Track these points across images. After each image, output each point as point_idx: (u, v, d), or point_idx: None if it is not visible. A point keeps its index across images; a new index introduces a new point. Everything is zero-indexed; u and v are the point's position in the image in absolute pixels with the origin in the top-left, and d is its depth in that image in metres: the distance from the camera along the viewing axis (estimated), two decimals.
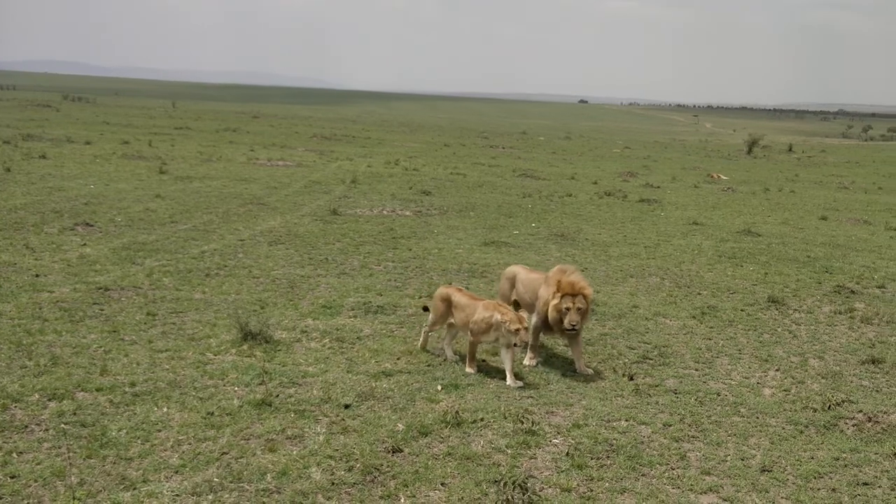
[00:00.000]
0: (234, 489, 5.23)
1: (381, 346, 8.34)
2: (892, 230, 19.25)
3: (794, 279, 12.78)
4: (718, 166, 41.12)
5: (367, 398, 6.89)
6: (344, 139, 45.13)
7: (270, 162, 28.10)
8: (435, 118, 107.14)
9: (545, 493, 5.36)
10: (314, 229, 14.97)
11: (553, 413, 6.84)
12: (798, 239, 17.14)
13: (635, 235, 16.47)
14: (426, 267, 12.27)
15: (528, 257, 13.36)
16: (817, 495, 5.56)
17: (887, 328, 10.06)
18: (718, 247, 15.49)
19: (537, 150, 47.77)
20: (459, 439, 6.15)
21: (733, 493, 5.52)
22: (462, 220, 17.28)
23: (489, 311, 7.67)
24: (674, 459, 6.03)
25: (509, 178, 27.68)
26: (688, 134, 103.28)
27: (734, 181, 32.27)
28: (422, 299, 9.94)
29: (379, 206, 18.46)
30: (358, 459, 5.71)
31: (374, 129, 62.22)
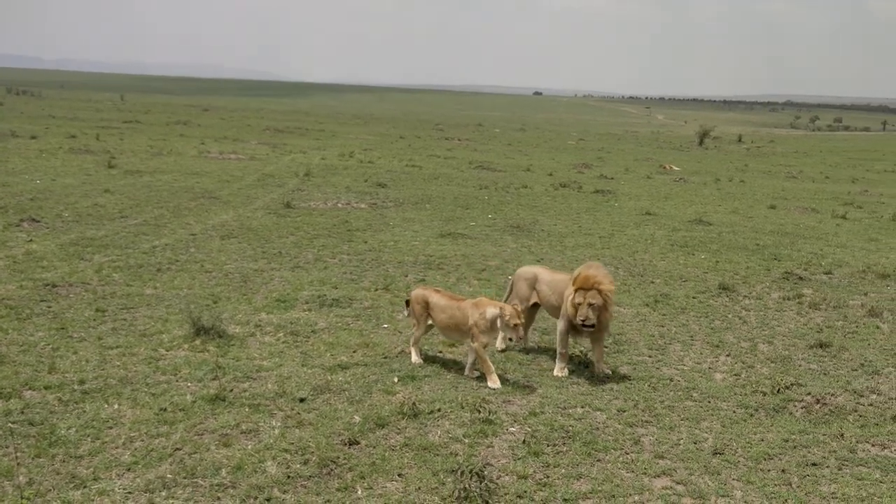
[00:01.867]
0: (188, 485, 5.16)
1: (337, 340, 8.28)
2: (838, 218, 19.71)
3: (743, 266, 13.01)
4: (670, 157, 41.68)
5: (322, 391, 6.84)
6: (297, 132, 44.73)
7: (222, 155, 27.72)
8: (390, 110, 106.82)
9: (502, 481, 5.38)
10: (267, 223, 14.81)
11: (510, 402, 6.86)
12: (748, 227, 17.45)
13: (590, 226, 16.61)
14: (382, 259, 12.23)
15: (484, 249, 13.40)
16: (767, 476, 5.67)
17: (834, 313, 10.30)
18: (671, 236, 15.70)
19: (493, 141, 47.92)
20: (416, 430, 6.14)
21: (686, 476, 5.60)
22: (418, 212, 17.25)
23: (483, 306, 7.28)
24: (628, 444, 6.10)
25: (465, 169, 27.71)
26: (640, 126, 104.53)
27: (686, 172, 32.74)
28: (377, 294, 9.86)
29: (333, 199, 18.34)
30: (314, 452, 5.67)
31: (327, 121, 61.78)
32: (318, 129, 49.39)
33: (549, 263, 12.36)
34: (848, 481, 5.64)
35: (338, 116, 73.67)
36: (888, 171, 40.25)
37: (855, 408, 6.96)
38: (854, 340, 9.12)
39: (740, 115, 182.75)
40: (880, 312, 10.25)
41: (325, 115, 73.60)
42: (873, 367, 8.18)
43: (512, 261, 12.52)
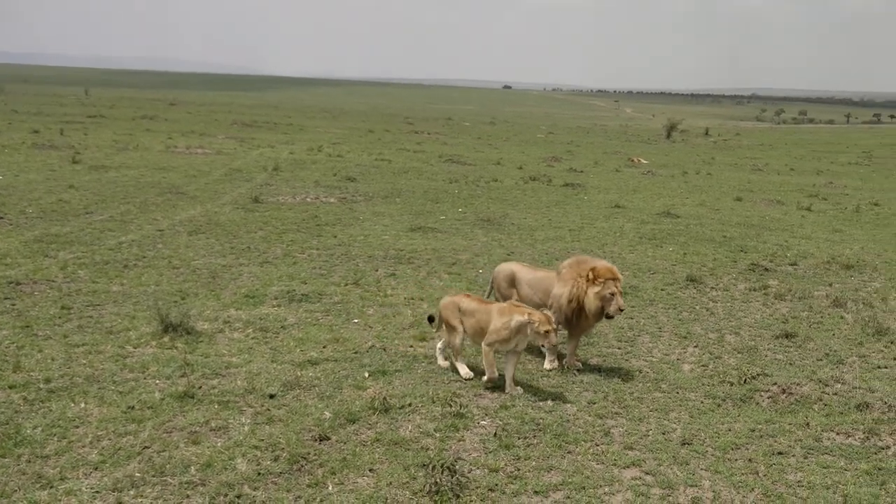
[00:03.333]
0: (157, 483, 5.11)
1: (307, 335, 8.24)
2: (803, 210, 19.99)
3: (711, 258, 13.16)
4: (639, 150, 41.98)
5: (292, 387, 6.80)
6: (265, 126, 44.37)
7: (189, 150, 27.42)
8: (358, 104, 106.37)
9: (473, 475, 5.39)
10: (235, 218, 14.69)
11: (481, 395, 6.88)
12: (715, 220, 17.64)
13: (560, 219, 16.69)
14: (352, 254, 12.18)
15: (455, 243, 13.40)
16: (735, 465, 5.75)
17: (799, 304, 10.45)
18: (639, 229, 15.82)
19: (463, 135, 47.92)
20: (387, 425, 6.13)
21: (655, 467, 5.66)
22: (388, 206, 17.21)
23: (509, 313, 7.03)
24: (598, 436, 6.15)
25: (435, 163, 27.68)
26: (609, 119, 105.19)
27: (654, 165, 33.02)
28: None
29: (302, 194, 18.22)
30: (284, 449, 5.64)
31: (296, 115, 61.37)
32: (286, 123, 49.03)
33: (521, 257, 12.40)
34: (813, 469, 5.73)
35: (306, 110, 73.20)
36: (852, 163, 40.90)
37: (820, 397, 7.08)
38: (819, 331, 9.26)
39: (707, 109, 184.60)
40: (844, 303, 10.42)
41: (293, 109, 73.09)
42: (838, 356, 8.32)
43: (482, 254, 12.55)
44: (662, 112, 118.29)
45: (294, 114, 63.16)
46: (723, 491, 5.36)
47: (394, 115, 71.74)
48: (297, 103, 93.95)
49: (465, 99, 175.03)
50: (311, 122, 53.04)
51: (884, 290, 11.32)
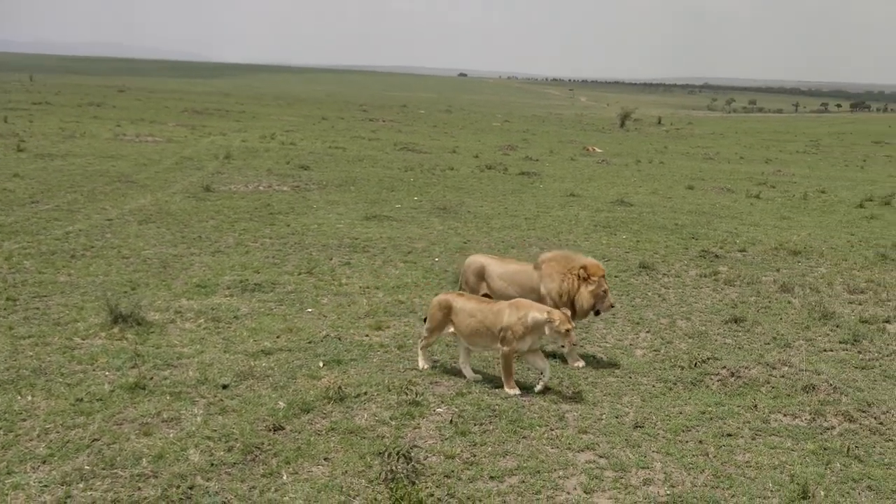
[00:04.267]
0: (107, 476, 5.02)
1: (260, 325, 8.16)
2: (752, 198, 20.37)
3: (663, 245, 13.34)
4: (593, 139, 42.34)
5: (245, 377, 6.73)
6: (217, 113, 43.71)
7: (139, 138, 26.90)
8: (312, 91, 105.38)
9: (429, 462, 5.40)
10: (186, 207, 14.46)
11: (437, 383, 6.89)
12: (667, 208, 17.88)
13: (516, 207, 16.75)
14: (305, 243, 12.08)
15: (410, 231, 13.38)
16: (685, 447, 5.85)
17: (748, 289, 10.66)
18: (594, 217, 15.97)
19: (418, 123, 47.81)
20: (343, 414, 6.11)
21: (608, 450, 5.73)
22: (342, 194, 17.10)
23: (524, 309, 6.74)
24: (553, 420, 6.20)
25: (390, 151, 27.58)
26: (564, 108, 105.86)
27: (608, 154, 33.33)
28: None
29: (255, 182, 18.01)
30: (238, 439, 5.59)
31: (248, 102, 60.58)
32: (238, 110, 48.37)
33: (477, 245, 12.43)
34: (761, 450, 5.86)
35: (259, 98, 72.27)
36: (800, 151, 41.78)
37: (768, 380, 7.23)
38: (767, 315, 9.46)
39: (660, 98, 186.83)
40: (791, 288, 10.66)
41: (245, 97, 72.11)
42: (785, 340, 8.51)
43: (438, 243, 12.55)
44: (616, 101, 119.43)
45: (246, 101, 62.34)
46: (674, 472, 5.45)
47: (348, 103, 71.24)
48: (249, 90, 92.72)
49: (421, 86, 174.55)
50: (264, 109, 52.40)
51: (829, 275, 11.59)
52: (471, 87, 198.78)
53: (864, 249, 13.61)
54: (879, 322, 9.25)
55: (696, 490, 5.22)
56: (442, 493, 5.01)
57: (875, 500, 5.21)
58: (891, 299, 10.26)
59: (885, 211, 18.65)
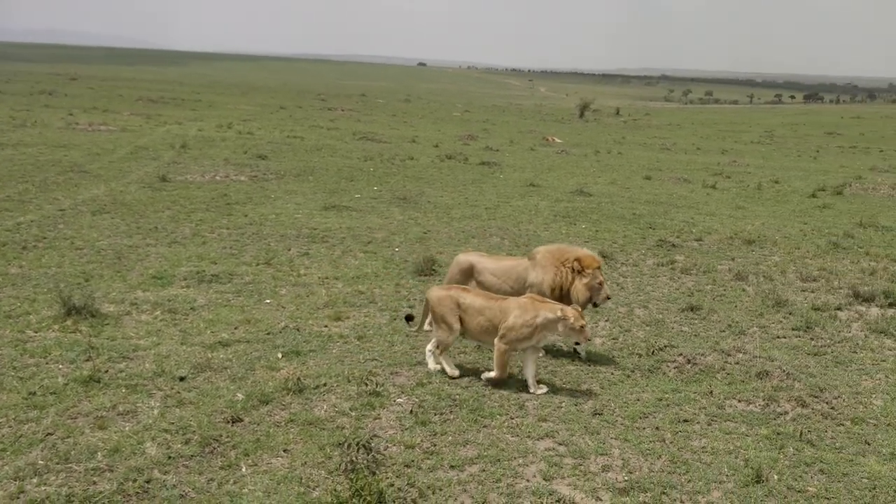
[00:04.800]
0: (61, 470, 4.93)
1: (217, 316, 8.06)
2: (708, 188, 20.65)
3: (621, 235, 13.47)
4: (553, 129, 42.56)
5: (203, 369, 6.65)
6: (172, 102, 43.01)
7: (92, 127, 26.34)
8: (269, 80, 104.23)
9: (389, 452, 5.40)
10: (142, 197, 14.21)
11: (397, 374, 6.87)
12: (625, 198, 18.05)
13: (476, 197, 16.77)
14: (263, 233, 11.96)
15: (370, 221, 13.31)
16: (643, 434, 5.93)
17: (704, 277, 10.81)
18: (554, 207, 16.05)
19: (377, 112, 47.57)
20: (302, 405, 6.07)
21: (568, 437, 5.78)
22: (300, 184, 16.95)
23: (533, 310, 6.59)
24: (513, 409, 6.24)
25: (349, 140, 27.41)
26: (524, 98, 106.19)
27: (567, 144, 33.53)
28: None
29: (211, 172, 17.76)
30: (195, 432, 5.52)
31: (204, 91, 59.70)
32: (194, 99, 47.65)
33: (438, 235, 12.42)
34: (717, 435, 5.96)
35: (215, 86, 71.26)
36: (754, 142, 42.48)
37: (723, 366, 7.35)
38: (722, 303, 9.61)
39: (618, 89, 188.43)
40: (746, 276, 10.84)
41: (201, 85, 71.04)
42: (739, 327, 8.66)
43: (398, 233, 12.51)
44: (575, 92, 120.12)
45: (202, 90, 61.42)
46: (631, 458, 5.52)
47: (306, 92, 70.60)
48: (205, 79, 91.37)
49: (380, 75, 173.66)
50: (221, 98, 51.70)
51: (783, 263, 11.81)
52: (430, 76, 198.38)
53: (816, 238, 13.89)
54: (831, 309, 9.46)
55: (653, 475, 5.29)
56: (402, 482, 5.01)
57: (827, 482, 5.33)
58: (842, 287, 10.50)
59: (837, 200, 19.05)
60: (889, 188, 21.42)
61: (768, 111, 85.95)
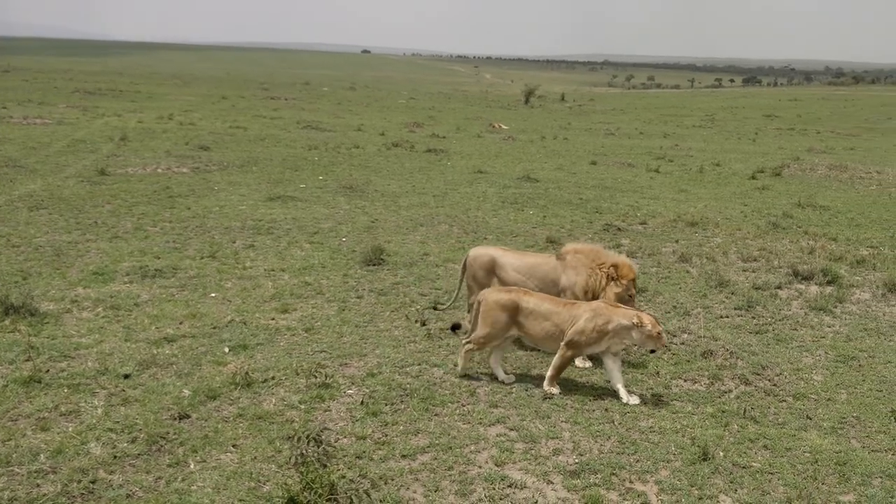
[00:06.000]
0: (3, 473, 4.82)
1: (162, 311, 7.91)
2: (652, 171, 20.94)
3: (569, 220, 13.59)
4: (499, 116, 42.65)
5: (148, 366, 6.53)
6: (110, 94, 41.92)
7: (26, 120, 25.53)
8: (211, 69, 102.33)
9: (340, 444, 5.37)
10: (80, 191, 13.84)
11: (347, 365, 6.83)
12: (571, 183, 18.19)
13: (424, 185, 16.73)
14: (207, 226, 11.75)
15: (316, 211, 13.19)
16: (592, 416, 6.01)
17: (649, 260, 10.98)
18: (501, 193, 16.10)
19: (322, 101, 47.09)
20: (250, 400, 6.00)
21: (519, 422, 5.83)
22: (244, 175, 16.70)
23: (606, 315, 6.31)
24: (464, 397, 6.26)
25: (293, 130, 27.08)
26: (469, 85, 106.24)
27: (514, 130, 33.64)
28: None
29: (153, 164, 17.39)
30: (141, 430, 5.43)
31: (143, 82, 58.33)
32: (133, 90, 46.51)
33: (385, 224, 12.37)
34: (664, 415, 6.07)
35: (154, 77, 69.67)
36: (696, 126, 43.18)
37: (669, 347, 7.46)
38: (667, 285, 9.78)
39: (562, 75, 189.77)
40: (689, 258, 11.04)
41: (140, 76, 69.40)
42: (684, 308, 8.82)
43: (345, 222, 12.43)
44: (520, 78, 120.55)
45: (141, 80, 60.00)
46: (582, 441, 5.59)
47: (248, 81, 69.49)
48: (144, 69, 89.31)
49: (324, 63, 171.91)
50: (160, 89, 50.58)
51: (724, 244, 12.05)
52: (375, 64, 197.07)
53: (756, 219, 14.20)
54: (771, 288, 9.70)
55: (602, 457, 5.37)
56: (354, 474, 4.98)
57: (771, 458, 5.47)
58: (782, 266, 10.75)
59: (776, 182, 19.49)
60: (826, 169, 22.00)
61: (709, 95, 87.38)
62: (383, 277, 9.51)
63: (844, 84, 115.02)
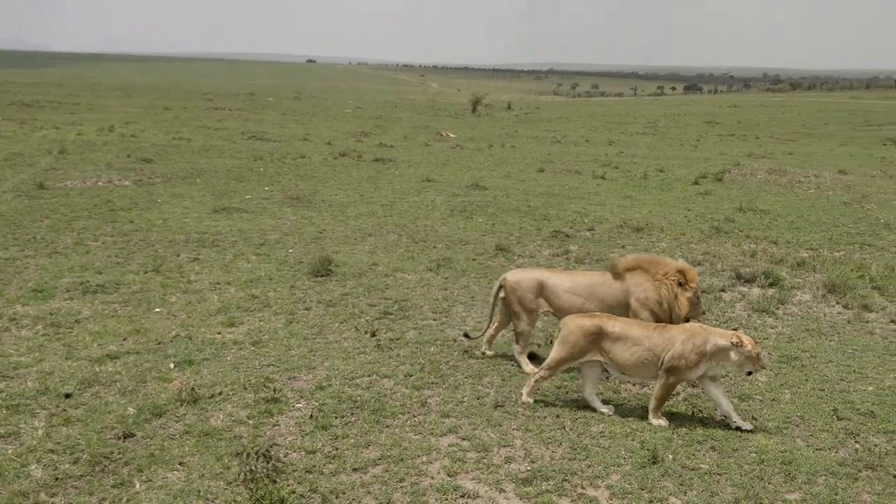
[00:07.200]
0: None
1: (104, 328, 7.72)
2: (598, 178, 21.19)
3: (517, 227, 13.66)
4: (446, 124, 42.78)
5: (90, 384, 6.36)
6: (48, 106, 40.90)
7: None
8: (153, 80, 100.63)
9: (290, 459, 5.29)
10: (18, 206, 13.45)
11: (295, 378, 6.75)
12: (520, 190, 18.31)
13: (371, 194, 16.66)
14: (151, 239, 11.52)
15: (262, 222, 13.03)
16: (544, 423, 6.03)
17: (597, 265, 11.09)
18: (450, 201, 16.12)
19: (267, 111, 46.63)
20: (197, 416, 5.88)
21: (471, 431, 5.81)
22: (188, 187, 16.43)
23: (703, 335, 6.06)
24: (415, 407, 6.22)
25: (238, 140, 26.75)
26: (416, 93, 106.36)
27: (461, 138, 33.74)
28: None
29: (93, 177, 16.99)
30: (84, 450, 5.28)
31: (83, 93, 57.09)
32: (72, 102, 45.47)
33: (333, 234, 12.28)
34: (614, 420, 6.12)
35: (95, 88, 68.23)
36: (640, 133, 43.88)
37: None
38: None
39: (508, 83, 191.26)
40: None
41: (80, 87, 67.91)
42: None
43: (292, 234, 12.30)
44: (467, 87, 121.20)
45: (81, 92, 58.71)
46: (534, 448, 5.60)
47: (192, 92, 68.48)
48: (83, 81, 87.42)
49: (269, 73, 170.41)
50: (101, 100, 49.53)
51: (669, 249, 12.24)
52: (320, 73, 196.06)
53: (699, 224, 14.46)
54: (716, 291, 9.88)
55: (554, 463, 5.39)
56: (304, 489, 4.92)
57: (718, 459, 5.56)
58: (725, 269, 10.96)
59: (718, 187, 19.89)
60: (765, 173, 22.53)
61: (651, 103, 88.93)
62: (332, 288, 9.43)
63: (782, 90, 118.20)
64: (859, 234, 13.69)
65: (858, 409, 6.43)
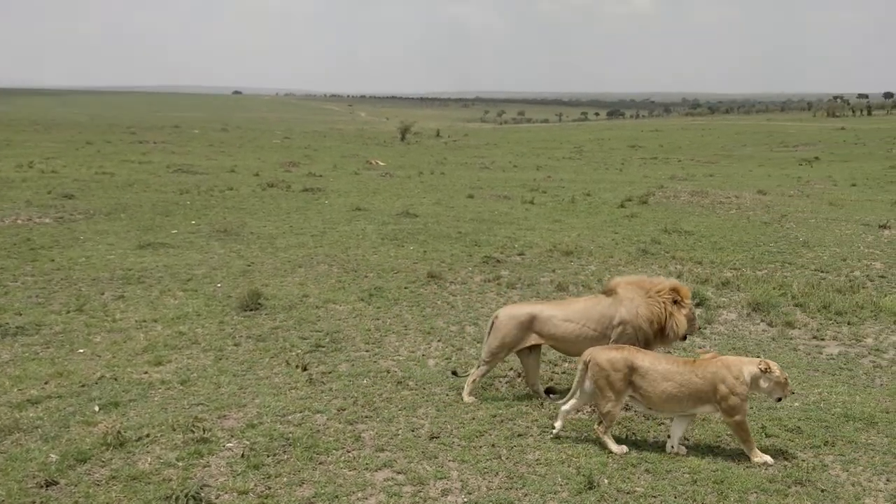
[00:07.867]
0: None
1: (24, 372, 7.42)
2: (527, 203, 21.44)
3: (448, 254, 13.70)
4: (376, 153, 42.78)
5: (10, 431, 6.11)
6: None
7: None
8: (73, 114, 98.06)
9: (221, 500, 5.17)
10: None
11: (225, 417, 6.60)
12: (450, 217, 18.39)
13: (301, 225, 16.51)
14: (73, 278, 11.16)
15: (189, 257, 12.76)
16: (480, 452, 6.02)
17: (528, 290, 11.20)
18: (381, 230, 16.09)
19: (192, 143, 45.89)
20: (124, 460, 5.69)
21: (406, 465, 5.77)
22: (112, 223, 16.00)
23: (736, 365, 5.91)
24: (349, 442, 6.15)
25: (163, 174, 26.23)
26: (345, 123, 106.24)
27: (391, 166, 33.79)
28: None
29: (11, 215, 16.41)
30: (4, 501, 5.04)
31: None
32: None
33: (263, 267, 12.11)
34: (550, 447, 6.15)
35: (11, 123, 66.06)
36: (566, 157, 44.67)
37: (551, 377, 7.61)
38: None
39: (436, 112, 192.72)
40: (566, 286, 11.34)
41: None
42: None
43: (220, 268, 12.08)
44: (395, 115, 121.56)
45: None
46: (470, 479, 5.58)
47: (114, 125, 66.93)
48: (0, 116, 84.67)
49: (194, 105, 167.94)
50: (18, 135, 47.98)
51: (599, 272, 12.45)
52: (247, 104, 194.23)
53: (627, 246, 14.75)
54: None
55: (491, 493, 5.38)
56: None
57: (653, 481, 5.63)
58: None
59: (643, 209, 20.34)
60: (688, 195, 23.16)
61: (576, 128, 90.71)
62: (261, 323, 9.28)
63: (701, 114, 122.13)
64: (780, 252, 14.15)
65: (786, 426, 6.60)
